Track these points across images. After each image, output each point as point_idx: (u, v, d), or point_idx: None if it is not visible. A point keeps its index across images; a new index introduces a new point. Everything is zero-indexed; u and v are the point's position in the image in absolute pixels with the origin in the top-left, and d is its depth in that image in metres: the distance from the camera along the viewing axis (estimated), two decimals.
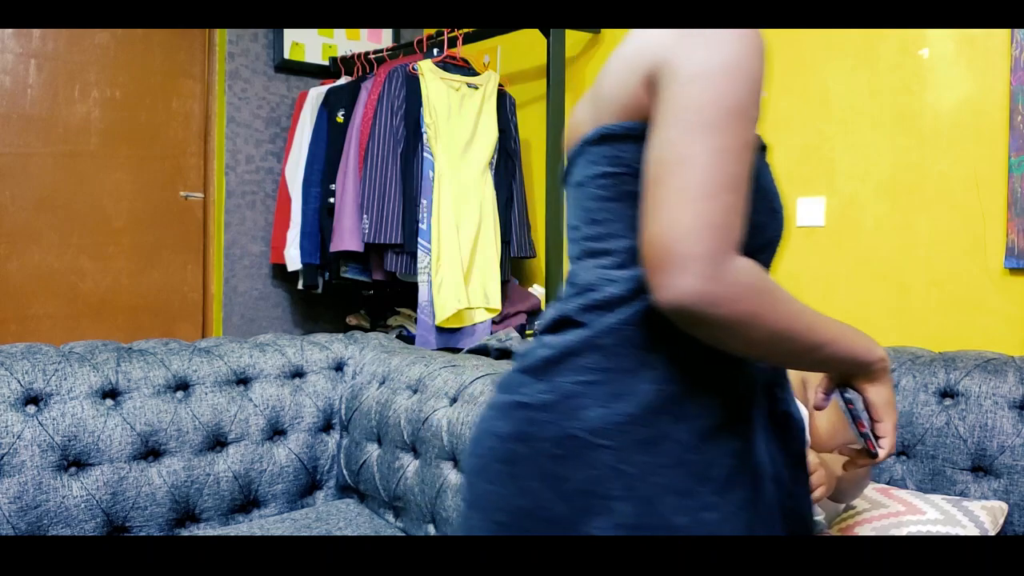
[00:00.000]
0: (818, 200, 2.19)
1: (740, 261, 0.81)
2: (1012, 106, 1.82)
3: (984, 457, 1.54)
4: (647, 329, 0.86)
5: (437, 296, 2.49)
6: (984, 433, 1.54)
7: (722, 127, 0.80)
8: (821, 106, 2.18)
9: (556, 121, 2.60)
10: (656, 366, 0.85)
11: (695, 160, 0.78)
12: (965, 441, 1.56)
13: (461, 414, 1.68)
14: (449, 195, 2.53)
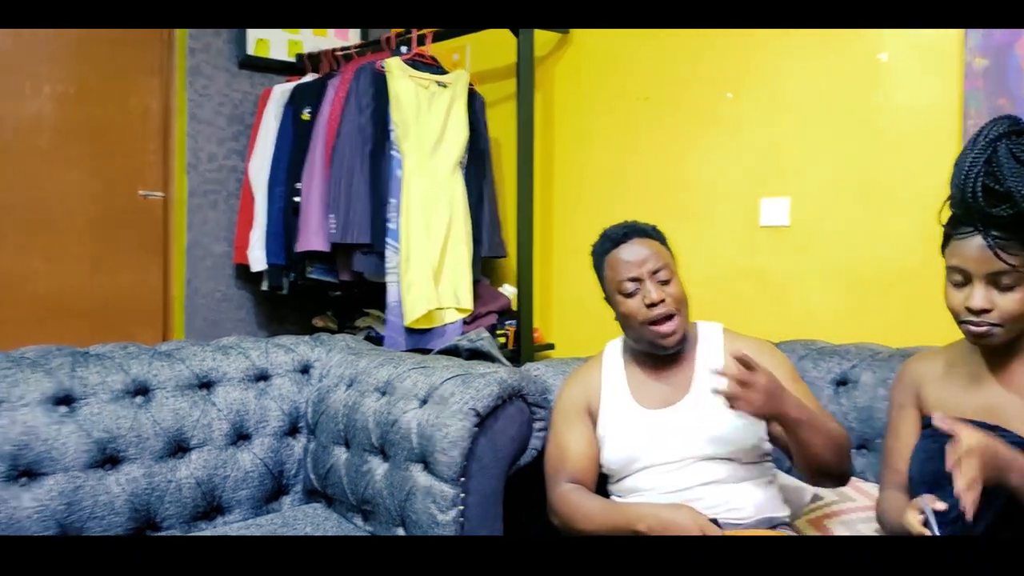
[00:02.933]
0: (783, 200, 2.20)
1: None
2: (964, 110, 1.85)
3: None
4: None
5: (406, 296, 2.46)
6: None
7: None
8: (785, 108, 2.20)
9: (526, 120, 2.59)
10: None
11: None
12: None
13: (431, 416, 1.65)
14: (418, 194, 2.50)
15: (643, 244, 1.58)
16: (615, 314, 1.64)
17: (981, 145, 1.16)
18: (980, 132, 1.18)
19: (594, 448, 1.62)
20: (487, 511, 1.63)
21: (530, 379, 1.74)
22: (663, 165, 2.49)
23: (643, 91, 2.53)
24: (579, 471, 1.61)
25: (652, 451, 1.55)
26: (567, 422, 1.65)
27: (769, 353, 1.62)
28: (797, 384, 1.58)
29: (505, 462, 1.66)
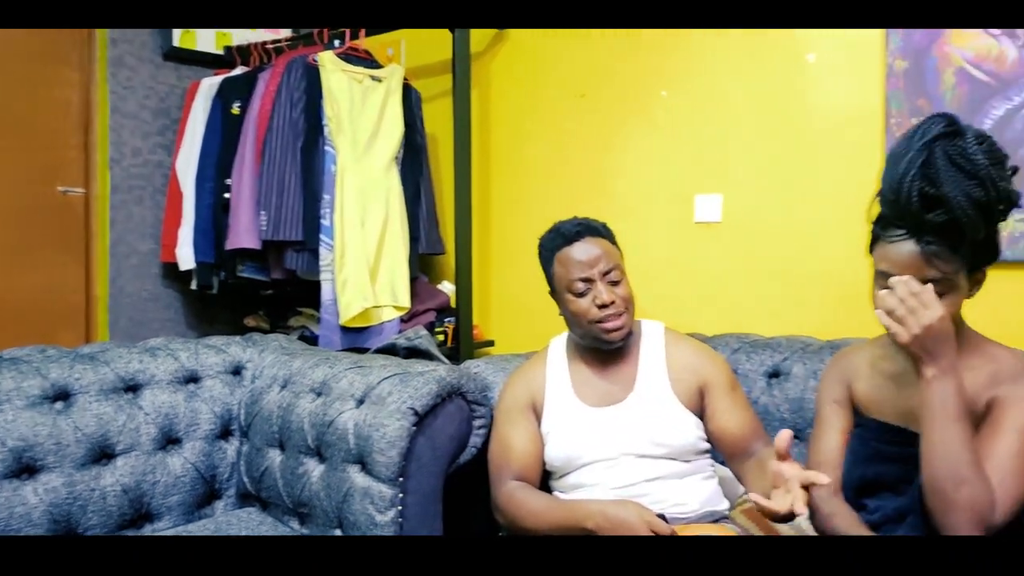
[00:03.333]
0: (715, 197, 2.24)
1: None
2: (887, 109, 1.91)
3: None
4: None
5: (341, 295, 2.42)
6: None
7: None
8: (718, 106, 2.24)
9: (462, 116, 2.57)
10: None
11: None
12: None
13: (368, 416, 1.63)
14: (353, 190, 2.46)
15: (595, 243, 1.59)
16: (560, 310, 1.64)
17: (917, 147, 1.11)
18: (916, 131, 1.14)
19: (538, 445, 1.63)
20: (426, 511, 1.61)
21: (469, 377, 1.72)
22: (600, 162, 2.50)
23: (579, 88, 2.55)
24: (523, 468, 1.61)
25: (595, 448, 1.56)
26: (511, 419, 1.65)
27: (710, 358, 1.65)
28: (735, 392, 1.61)
29: (444, 461, 1.65)
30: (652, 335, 1.68)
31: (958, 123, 1.13)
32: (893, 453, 1.28)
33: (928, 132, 1.11)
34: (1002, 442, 1.14)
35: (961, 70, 1.80)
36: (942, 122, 1.12)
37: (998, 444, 1.14)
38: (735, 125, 2.21)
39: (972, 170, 1.07)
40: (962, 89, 1.80)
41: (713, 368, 1.61)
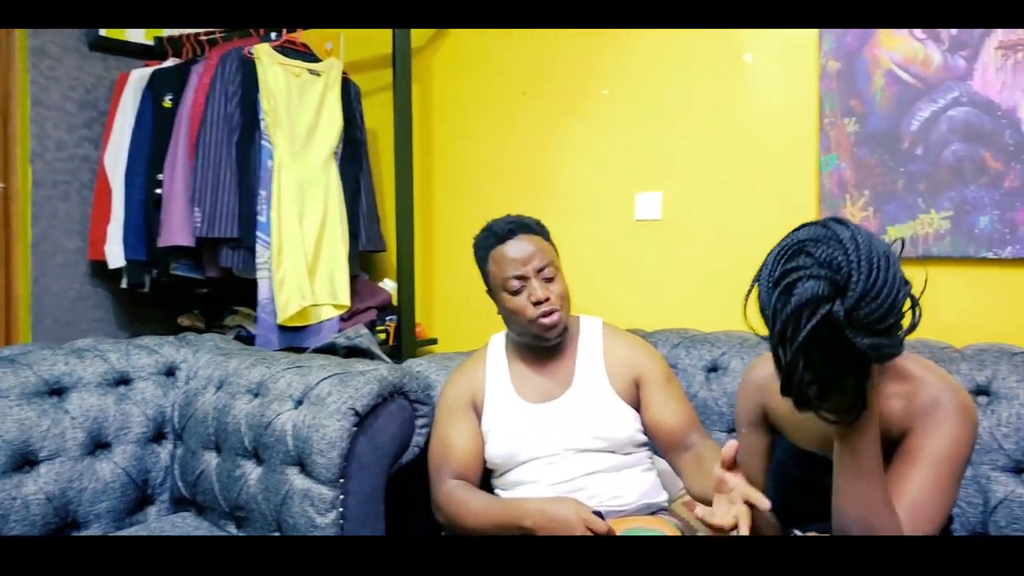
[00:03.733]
0: (655, 195, 2.27)
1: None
2: (820, 109, 1.96)
3: None
4: None
5: (279, 293, 2.37)
6: None
7: None
8: (657, 106, 2.26)
9: (403, 111, 2.55)
10: None
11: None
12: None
13: (308, 417, 1.60)
14: (290, 186, 2.41)
15: (529, 241, 1.59)
16: (498, 308, 1.64)
17: (802, 340, 0.95)
18: (799, 319, 0.95)
19: (479, 443, 1.62)
20: (368, 512, 1.59)
21: (412, 375, 1.71)
22: (542, 159, 2.50)
23: (521, 86, 2.54)
24: (464, 467, 1.60)
25: (534, 444, 1.56)
26: (451, 418, 1.64)
27: (645, 352, 1.67)
28: (670, 384, 1.63)
29: (386, 461, 1.63)
30: (590, 330, 1.69)
31: (838, 286, 0.94)
32: (812, 481, 1.20)
33: (805, 322, 0.94)
34: (916, 474, 1.10)
35: (890, 72, 1.86)
36: (821, 311, 0.94)
37: (912, 477, 1.10)
38: (674, 124, 2.23)
39: (851, 353, 0.95)
40: (891, 91, 1.86)
41: (648, 361, 1.64)
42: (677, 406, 1.60)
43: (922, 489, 1.09)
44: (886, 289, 0.94)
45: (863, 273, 0.94)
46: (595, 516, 1.40)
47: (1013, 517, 1.44)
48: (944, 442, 1.11)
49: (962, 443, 1.12)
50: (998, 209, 1.74)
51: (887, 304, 0.94)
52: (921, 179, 1.83)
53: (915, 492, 1.09)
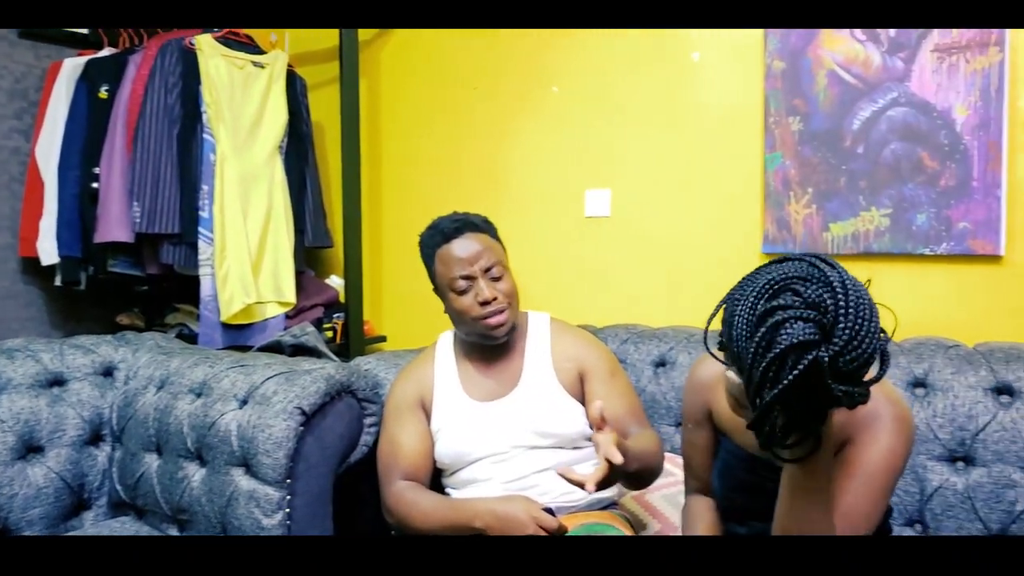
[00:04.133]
0: (604, 192, 2.28)
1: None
2: (765, 108, 2.00)
3: None
4: None
5: (222, 290, 2.32)
6: None
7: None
8: (606, 103, 2.27)
9: (350, 105, 2.51)
10: None
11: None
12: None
13: (253, 416, 1.56)
14: (234, 180, 2.36)
15: (475, 239, 1.57)
16: (445, 307, 1.63)
17: (786, 384, 0.90)
18: (783, 362, 0.91)
19: (428, 443, 1.61)
20: (315, 512, 1.57)
21: (360, 374, 1.68)
22: (493, 155, 2.50)
23: (471, 80, 2.53)
24: (413, 467, 1.59)
25: (484, 443, 1.56)
26: (400, 418, 1.62)
27: (590, 346, 1.66)
28: (614, 378, 1.62)
29: (334, 461, 1.61)
30: (538, 326, 1.68)
31: (825, 327, 0.91)
32: (757, 484, 1.23)
33: (796, 363, 0.90)
34: (852, 486, 1.12)
35: (832, 72, 1.90)
36: (813, 351, 0.89)
37: (848, 488, 1.12)
38: (623, 121, 2.25)
39: (829, 403, 0.94)
40: (833, 91, 1.90)
41: (593, 355, 1.63)
42: (619, 400, 1.59)
43: (856, 500, 1.12)
44: (869, 338, 0.91)
45: (850, 320, 0.91)
46: (545, 513, 1.40)
47: (947, 504, 1.49)
48: (882, 455, 1.13)
49: (898, 455, 1.14)
50: (934, 207, 1.79)
51: (868, 352, 0.92)
52: (862, 177, 1.87)
53: (850, 502, 1.11)
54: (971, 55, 1.74)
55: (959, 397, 1.51)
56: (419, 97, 2.66)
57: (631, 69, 2.23)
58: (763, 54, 2.00)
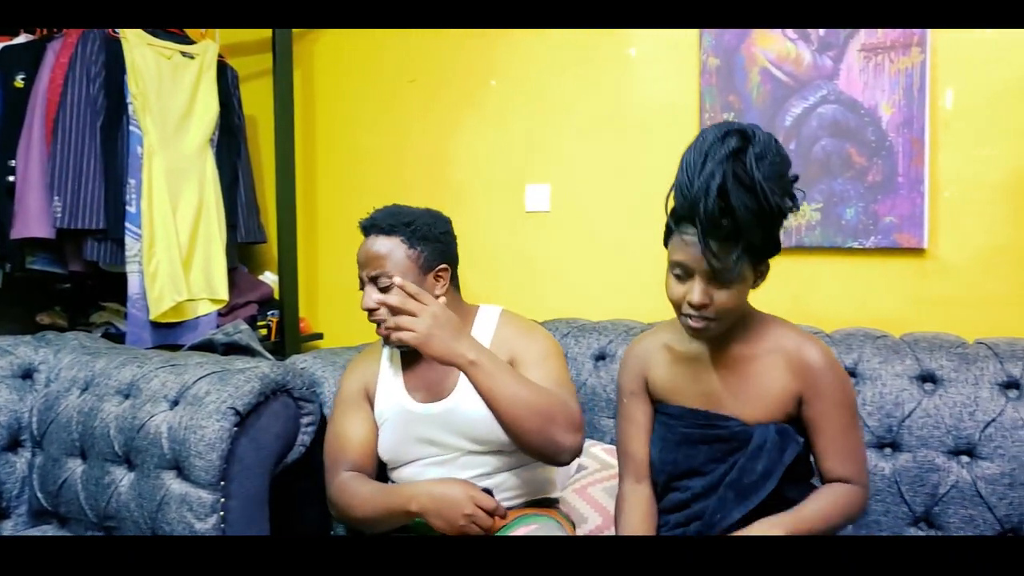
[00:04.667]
0: (544, 187, 2.28)
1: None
2: (701, 104, 2.03)
3: None
4: None
5: (151, 287, 2.24)
6: None
7: None
8: (545, 99, 2.28)
9: (284, 97, 2.46)
10: None
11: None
12: None
13: (185, 417, 1.52)
14: (162, 174, 2.28)
15: (374, 243, 1.51)
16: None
17: (711, 168, 1.18)
18: (709, 148, 1.20)
19: (373, 435, 1.57)
20: (251, 514, 1.53)
21: (296, 372, 1.65)
22: (432, 149, 2.47)
23: (408, 73, 2.50)
24: (358, 458, 1.55)
25: (420, 446, 1.53)
26: (346, 410, 1.59)
27: (530, 333, 1.59)
28: (545, 362, 1.51)
29: (270, 462, 1.57)
30: (484, 323, 1.64)
31: (748, 136, 1.19)
32: (700, 436, 1.34)
33: (721, 151, 1.18)
34: (834, 430, 1.29)
35: (765, 70, 1.94)
36: (734, 139, 1.19)
37: (834, 434, 1.29)
38: (562, 116, 2.25)
39: (752, 186, 1.17)
40: (766, 88, 1.94)
41: (525, 342, 1.54)
42: (538, 377, 1.46)
43: (847, 439, 1.30)
44: (781, 150, 1.22)
45: (766, 136, 1.21)
46: (484, 493, 1.38)
47: (876, 489, 1.54)
48: (837, 395, 1.29)
49: (846, 384, 1.31)
50: (862, 202, 1.84)
51: (782, 157, 1.21)
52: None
53: (841, 445, 1.29)
54: (895, 55, 1.80)
55: (886, 385, 1.57)
56: (355, 89, 2.62)
57: (569, 64, 2.23)
58: (699, 51, 2.03)
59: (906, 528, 1.52)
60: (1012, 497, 1.44)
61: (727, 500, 1.30)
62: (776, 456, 1.27)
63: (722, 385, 1.34)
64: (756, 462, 1.28)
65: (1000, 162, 1.74)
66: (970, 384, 1.51)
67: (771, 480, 1.27)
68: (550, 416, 1.37)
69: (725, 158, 1.18)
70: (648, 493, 1.41)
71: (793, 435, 1.29)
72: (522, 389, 1.37)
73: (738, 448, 1.31)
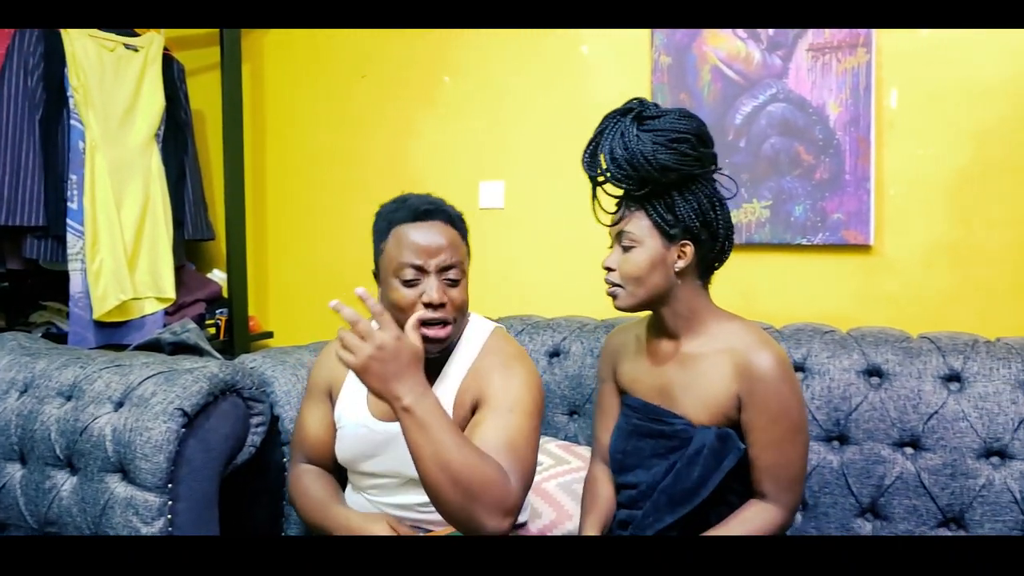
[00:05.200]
0: (498, 184, 2.28)
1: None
2: (653, 101, 2.03)
3: None
4: None
5: (95, 286, 2.19)
6: None
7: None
8: (499, 95, 2.27)
9: (232, 91, 2.42)
10: None
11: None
12: None
13: (130, 419, 1.48)
14: (106, 170, 2.22)
15: (443, 231, 1.38)
16: (379, 295, 1.41)
17: (599, 128, 1.37)
18: (608, 114, 1.37)
19: (330, 432, 1.51)
20: (200, 517, 1.49)
21: (245, 372, 1.62)
22: (385, 145, 2.45)
23: (359, 68, 2.47)
24: (314, 452, 1.53)
25: (375, 462, 1.44)
26: (310, 400, 1.55)
27: (507, 372, 1.37)
28: (508, 414, 1.31)
29: (219, 463, 1.54)
30: (472, 340, 1.44)
31: (642, 103, 1.34)
32: (647, 430, 1.37)
33: (614, 114, 1.35)
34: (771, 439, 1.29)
35: (715, 68, 1.96)
36: (633, 105, 1.34)
37: (771, 443, 1.29)
38: (515, 113, 2.25)
39: (627, 142, 1.30)
40: (716, 86, 1.96)
41: (500, 381, 1.35)
42: (491, 433, 1.27)
43: (778, 455, 1.28)
44: (682, 123, 1.30)
45: (672, 109, 1.34)
46: (406, 528, 1.37)
47: (824, 482, 1.57)
48: (773, 407, 1.28)
49: (790, 399, 1.29)
50: (810, 199, 1.88)
51: (679, 129, 1.29)
52: (744, 170, 1.94)
53: (771, 459, 1.28)
54: (842, 55, 1.83)
55: (835, 380, 1.60)
56: (306, 84, 2.58)
57: (522, 61, 2.23)
58: (650, 49, 2.04)
59: (853, 519, 1.56)
60: (954, 487, 1.48)
61: (660, 505, 1.31)
62: (713, 463, 1.28)
63: (674, 381, 1.36)
64: (692, 468, 1.29)
65: (942, 161, 1.79)
66: (914, 377, 1.55)
67: (706, 488, 1.28)
68: (474, 494, 1.15)
69: (610, 118, 1.35)
70: (610, 473, 1.46)
71: (735, 441, 1.29)
72: (453, 454, 1.15)
73: (679, 447, 1.32)
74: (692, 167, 1.30)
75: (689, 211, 1.32)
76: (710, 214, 1.33)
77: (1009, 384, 1.49)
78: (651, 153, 1.27)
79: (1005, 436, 1.46)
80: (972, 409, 1.49)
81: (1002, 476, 1.45)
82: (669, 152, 1.28)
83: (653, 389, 1.39)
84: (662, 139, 1.28)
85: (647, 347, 1.43)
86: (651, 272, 1.33)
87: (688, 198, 1.32)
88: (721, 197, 1.36)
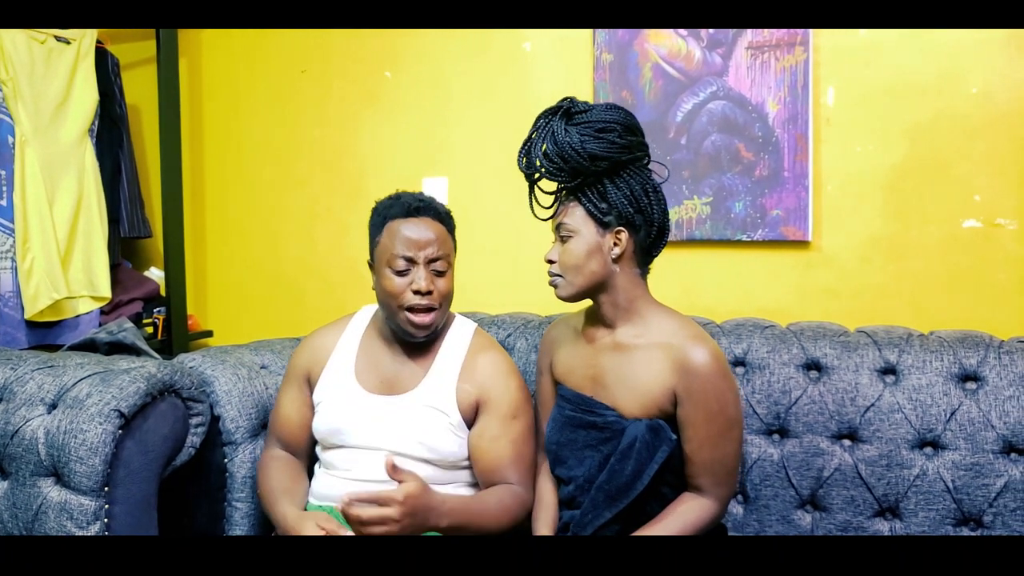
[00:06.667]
0: (441, 180, 2.27)
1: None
2: (595, 99, 2.06)
3: None
4: None
5: (26, 285, 2.12)
6: None
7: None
8: (441, 91, 2.27)
9: (169, 86, 2.37)
10: None
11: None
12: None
13: (64, 421, 1.43)
14: (37, 166, 2.16)
15: (432, 226, 1.52)
16: (374, 283, 1.55)
17: (537, 122, 1.41)
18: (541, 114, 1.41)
19: (305, 417, 1.59)
20: (138, 520, 1.46)
21: (184, 371, 1.58)
22: (326, 141, 2.42)
23: (300, 63, 2.44)
24: (288, 436, 1.59)
25: (359, 434, 1.51)
26: (288, 384, 1.62)
27: (504, 378, 1.55)
28: (513, 421, 1.52)
29: (158, 465, 1.50)
30: (459, 336, 1.60)
31: (572, 102, 1.38)
32: (579, 420, 1.40)
33: (548, 111, 1.40)
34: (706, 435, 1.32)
35: (657, 66, 1.99)
36: (563, 104, 1.38)
37: (707, 440, 1.32)
38: (458, 109, 2.25)
39: (556, 139, 1.35)
40: (658, 83, 1.99)
41: (499, 389, 1.52)
42: (505, 447, 1.49)
43: (713, 450, 1.32)
44: (610, 115, 1.35)
45: (600, 105, 1.38)
46: (341, 528, 1.37)
47: (765, 475, 1.60)
48: (711, 404, 1.31)
49: (725, 395, 1.31)
50: (750, 196, 1.92)
51: (607, 121, 1.34)
52: (685, 167, 1.97)
53: (707, 455, 1.32)
54: (780, 53, 1.87)
55: (774, 374, 1.63)
56: (245, 79, 2.53)
57: (465, 57, 2.23)
58: (592, 46, 2.06)
59: (793, 511, 1.58)
60: (889, 477, 1.52)
61: (597, 502, 1.33)
62: (646, 456, 1.30)
63: (607, 370, 1.38)
64: (626, 463, 1.31)
65: (875, 158, 1.84)
66: (851, 371, 1.58)
67: (641, 480, 1.30)
68: (510, 524, 1.45)
69: (541, 117, 1.40)
70: (544, 491, 1.49)
71: (667, 433, 1.31)
72: (488, 516, 1.42)
73: (611, 439, 1.34)
74: (620, 154, 1.33)
75: (621, 198, 1.34)
76: (643, 200, 1.36)
77: (941, 376, 1.53)
78: (579, 144, 1.31)
79: (938, 427, 1.50)
80: (907, 401, 1.53)
81: (935, 466, 1.50)
82: (597, 141, 1.32)
83: (586, 379, 1.41)
84: (589, 130, 1.33)
85: (583, 335, 1.45)
86: (588, 260, 1.36)
87: (620, 185, 1.35)
88: (655, 184, 1.39)
